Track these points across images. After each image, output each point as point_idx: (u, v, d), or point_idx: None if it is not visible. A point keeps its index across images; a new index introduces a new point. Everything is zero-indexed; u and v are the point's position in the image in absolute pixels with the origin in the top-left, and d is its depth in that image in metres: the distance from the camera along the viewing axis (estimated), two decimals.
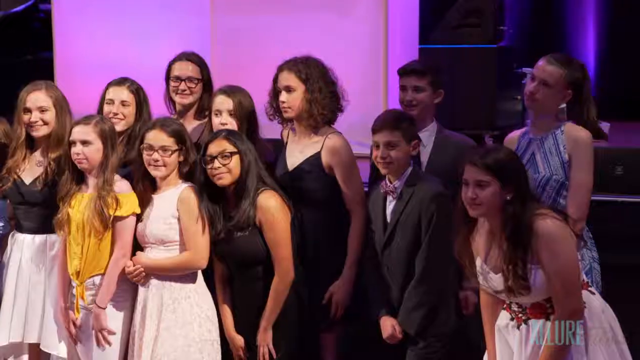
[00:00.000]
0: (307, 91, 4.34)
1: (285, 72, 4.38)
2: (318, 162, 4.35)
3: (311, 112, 4.34)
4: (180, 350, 4.08)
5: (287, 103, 4.36)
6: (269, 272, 4.10)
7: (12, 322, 4.42)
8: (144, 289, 4.20)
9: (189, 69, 4.77)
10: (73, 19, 7.16)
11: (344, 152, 4.35)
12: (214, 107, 4.48)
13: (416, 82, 4.48)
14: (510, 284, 3.48)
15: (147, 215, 4.21)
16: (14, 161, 4.44)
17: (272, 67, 4.56)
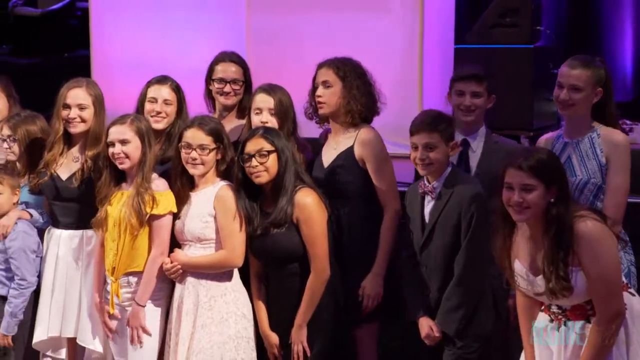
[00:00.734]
0: (344, 88, 4.36)
1: (324, 69, 4.42)
2: (351, 155, 4.37)
3: (347, 109, 4.36)
4: (216, 347, 4.10)
5: (323, 98, 4.38)
6: (305, 270, 4.11)
7: (50, 316, 4.47)
8: (181, 286, 4.23)
9: (233, 71, 4.79)
10: (110, 17, 7.21)
11: (375, 144, 4.36)
12: (255, 105, 4.50)
13: (476, 87, 4.47)
14: (551, 286, 3.47)
15: (185, 213, 4.24)
16: (51, 155, 4.47)
17: (306, 67, 4.58)
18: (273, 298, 4.22)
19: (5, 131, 4.62)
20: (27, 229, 4.49)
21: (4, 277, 4.49)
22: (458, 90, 4.52)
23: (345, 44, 6.04)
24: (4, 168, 4.52)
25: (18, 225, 4.47)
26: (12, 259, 4.44)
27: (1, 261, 4.49)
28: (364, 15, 6.48)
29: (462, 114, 4.48)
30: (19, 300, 4.43)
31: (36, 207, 4.61)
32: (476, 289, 4.02)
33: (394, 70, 6.29)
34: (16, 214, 4.50)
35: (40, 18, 8.73)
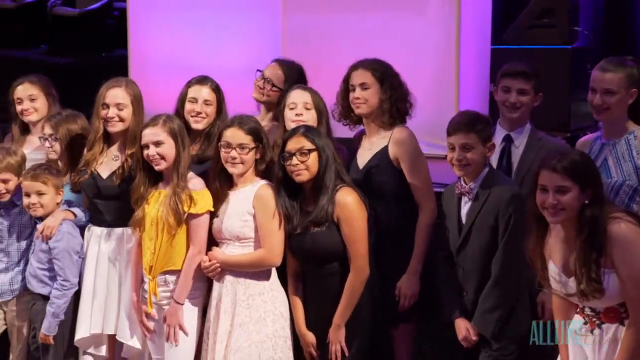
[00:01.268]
0: (381, 89, 4.38)
1: (360, 70, 4.43)
2: (386, 155, 4.38)
3: (384, 110, 4.38)
4: (254, 346, 4.13)
5: (362, 99, 4.40)
6: (344, 269, 4.12)
7: (92, 314, 4.52)
8: (219, 284, 4.26)
9: (276, 74, 4.86)
10: (148, 17, 7.26)
11: (409, 143, 4.38)
12: (289, 101, 4.52)
13: (523, 84, 4.50)
14: (583, 287, 3.45)
15: (224, 212, 4.27)
16: (91, 154, 4.53)
17: (342, 67, 4.60)
18: (310, 297, 4.23)
19: (47, 130, 4.68)
20: (72, 230, 4.55)
21: (47, 277, 4.55)
22: (504, 87, 4.54)
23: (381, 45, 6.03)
24: (47, 168, 4.58)
25: (63, 226, 4.52)
26: (55, 260, 4.49)
27: (45, 261, 4.54)
28: (400, 16, 6.46)
29: (507, 111, 4.50)
30: (61, 301, 4.49)
31: (78, 205, 4.66)
32: (513, 290, 4.02)
33: (430, 71, 6.27)
34: (61, 215, 4.55)
35: (78, 18, 8.80)
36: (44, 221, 4.53)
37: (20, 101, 4.97)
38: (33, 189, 4.51)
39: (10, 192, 4.65)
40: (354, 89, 4.44)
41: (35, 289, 4.58)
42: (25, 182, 4.53)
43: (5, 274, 4.67)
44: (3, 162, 4.62)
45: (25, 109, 4.96)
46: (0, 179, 4.63)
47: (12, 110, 5.01)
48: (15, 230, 4.67)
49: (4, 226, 4.68)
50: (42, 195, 4.51)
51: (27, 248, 4.64)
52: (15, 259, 4.67)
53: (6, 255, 4.68)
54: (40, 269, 4.55)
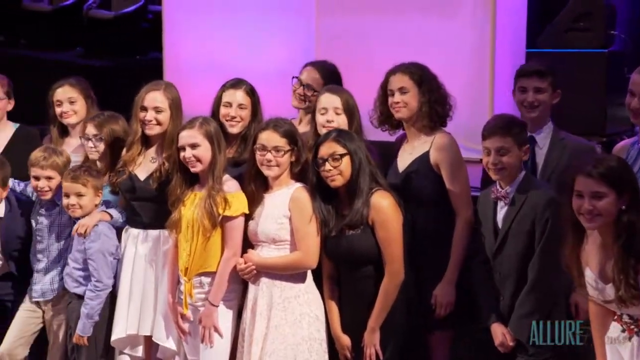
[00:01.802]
0: (420, 93, 4.37)
1: (398, 75, 4.42)
2: (426, 160, 4.37)
3: (423, 113, 4.37)
4: (290, 349, 4.14)
5: (401, 103, 4.39)
6: (378, 272, 4.12)
7: (128, 315, 4.55)
8: (255, 287, 4.27)
9: (314, 78, 4.85)
10: (182, 20, 7.32)
11: (451, 149, 4.36)
12: (320, 105, 4.52)
13: (538, 83, 4.49)
14: (621, 294, 3.42)
15: (259, 214, 4.28)
16: (129, 156, 4.56)
17: (376, 69, 4.60)
18: (345, 300, 4.23)
19: (90, 130, 4.71)
20: (107, 231, 4.58)
21: (82, 277, 4.58)
22: (521, 87, 4.54)
23: (415, 47, 6.04)
24: (87, 169, 4.62)
25: (99, 227, 4.55)
26: (90, 260, 4.53)
27: (80, 261, 4.58)
28: (435, 18, 6.46)
29: (525, 111, 4.49)
30: (94, 302, 4.52)
31: (115, 206, 4.70)
32: (550, 295, 4.00)
33: (464, 74, 6.26)
34: (98, 216, 4.59)
35: (114, 21, 8.88)
36: (80, 220, 4.57)
37: (60, 103, 5.01)
38: (72, 190, 4.55)
39: (53, 191, 4.69)
40: (392, 93, 4.43)
41: (71, 288, 4.63)
42: (65, 183, 4.58)
43: (46, 274, 4.72)
44: (49, 161, 4.67)
45: (65, 112, 5.00)
46: (45, 176, 4.67)
47: (51, 113, 5.05)
48: (55, 230, 4.71)
49: (44, 226, 4.73)
50: (81, 197, 4.55)
51: (67, 248, 4.68)
52: (55, 258, 4.71)
53: (47, 255, 4.73)
54: (76, 269, 4.60)
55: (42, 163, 4.67)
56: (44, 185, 4.67)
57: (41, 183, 4.67)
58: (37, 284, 4.72)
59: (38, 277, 4.73)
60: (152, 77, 4.93)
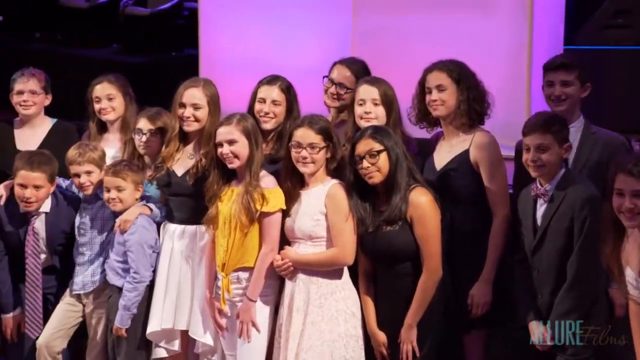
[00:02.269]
0: (459, 90, 4.36)
1: (436, 72, 4.41)
2: (466, 159, 4.36)
3: (462, 111, 4.35)
4: (326, 345, 4.15)
5: (439, 100, 4.37)
6: (416, 269, 4.11)
7: (164, 309, 4.57)
8: (291, 283, 4.28)
9: (345, 76, 4.83)
10: (218, 17, 7.31)
11: (492, 148, 4.35)
12: (358, 97, 4.52)
13: (564, 76, 4.47)
14: None
15: (295, 211, 4.29)
16: (167, 151, 4.58)
17: (411, 67, 4.58)
18: (381, 296, 4.23)
19: (141, 124, 4.74)
20: (146, 224, 4.61)
21: (121, 269, 4.63)
22: (548, 81, 4.53)
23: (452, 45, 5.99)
24: (128, 164, 4.66)
25: (138, 220, 4.59)
26: (129, 252, 4.57)
27: (120, 253, 4.62)
28: (471, 16, 6.41)
29: (553, 104, 4.48)
30: (132, 294, 4.56)
31: (156, 201, 4.72)
32: (589, 293, 3.97)
33: (501, 71, 6.21)
34: (138, 210, 4.63)
35: (150, 17, 8.93)
36: (121, 215, 4.61)
37: (99, 100, 5.04)
38: (113, 185, 4.60)
39: (94, 185, 4.73)
40: (430, 91, 4.41)
41: (111, 280, 4.67)
42: (106, 178, 4.63)
43: (88, 266, 4.76)
44: (85, 156, 4.72)
45: (103, 108, 5.03)
46: (84, 172, 4.72)
47: (90, 109, 5.08)
48: (98, 224, 4.75)
49: (87, 220, 4.77)
50: (121, 191, 4.60)
51: (109, 241, 4.72)
52: (98, 251, 4.75)
53: (89, 248, 4.76)
54: (117, 261, 4.64)
55: (79, 159, 4.72)
56: (85, 180, 4.72)
57: (82, 179, 4.72)
58: (78, 277, 4.77)
59: (80, 270, 4.77)
60: (188, 73, 4.95)
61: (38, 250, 4.76)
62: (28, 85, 5.12)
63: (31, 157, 4.70)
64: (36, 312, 4.76)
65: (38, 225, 4.76)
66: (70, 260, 4.83)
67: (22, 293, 4.81)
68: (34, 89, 5.13)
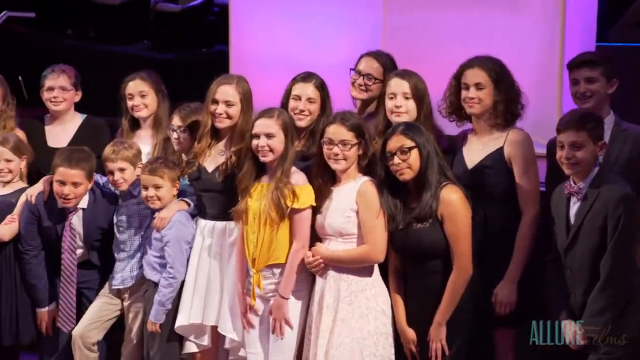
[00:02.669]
0: (496, 90, 4.34)
1: (475, 69, 4.38)
2: (500, 156, 4.34)
3: (498, 112, 4.34)
4: (356, 342, 4.15)
5: (476, 99, 4.36)
6: (446, 267, 4.10)
7: (192, 304, 4.59)
8: (322, 280, 4.28)
9: (372, 67, 4.81)
10: (249, 14, 7.32)
11: (526, 146, 4.34)
12: (389, 90, 4.52)
13: (589, 73, 4.44)
14: None
15: (326, 208, 4.29)
16: (199, 147, 4.58)
17: (442, 64, 4.56)
18: (411, 294, 4.22)
19: (175, 121, 4.75)
20: (184, 219, 4.63)
21: (158, 265, 4.65)
22: (573, 79, 4.52)
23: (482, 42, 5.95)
24: (164, 161, 4.68)
25: (175, 216, 4.61)
26: (166, 248, 4.59)
27: (157, 249, 4.65)
28: (502, 13, 6.36)
29: (579, 102, 4.46)
30: (167, 290, 4.58)
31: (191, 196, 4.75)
32: (623, 292, 3.94)
33: (533, 68, 6.15)
34: (176, 206, 4.65)
35: (180, 14, 8.96)
36: (159, 213, 4.63)
37: (131, 97, 5.07)
38: (150, 182, 4.62)
39: (127, 182, 4.76)
40: (467, 87, 4.39)
41: (148, 275, 4.70)
42: (143, 176, 4.65)
43: (128, 262, 4.80)
44: (118, 154, 4.75)
45: (136, 105, 5.06)
46: (117, 168, 4.74)
47: (123, 105, 5.11)
48: (136, 221, 4.78)
49: (124, 217, 4.80)
50: (159, 189, 4.62)
51: (147, 237, 4.74)
52: (136, 247, 4.79)
53: (128, 245, 4.80)
54: (154, 257, 4.67)
55: (112, 157, 4.76)
56: (118, 177, 4.75)
57: (115, 176, 4.75)
58: (117, 273, 4.81)
59: (119, 266, 4.81)
60: (218, 70, 4.96)
61: (74, 246, 4.80)
62: (58, 82, 5.16)
63: (70, 154, 4.73)
64: (70, 307, 4.80)
65: (75, 221, 4.80)
66: (106, 255, 4.88)
67: (57, 288, 4.86)
68: (64, 85, 5.17)
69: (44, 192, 4.81)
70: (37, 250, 4.82)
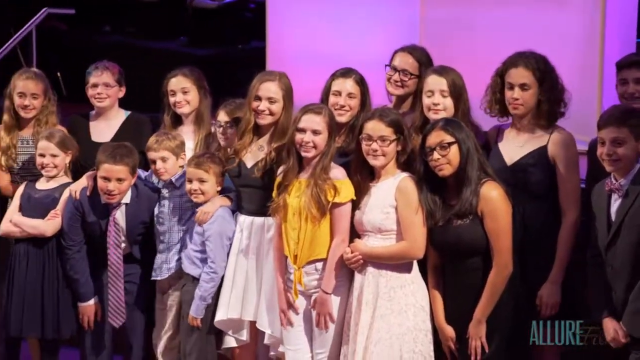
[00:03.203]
0: (540, 90, 4.31)
1: (521, 69, 4.34)
2: (544, 155, 4.32)
3: (541, 111, 4.32)
4: (395, 338, 4.15)
5: (521, 100, 4.33)
6: (486, 264, 4.09)
7: (231, 299, 4.61)
8: (361, 276, 4.28)
9: (408, 62, 4.80)
10: (286, 10, 7.34)
11: (571, 146, 4.33)
12: (426, 88, 4.50)
13: (638, 74, 4.38)
14: None
15: (365, 204, 4.29)
16: (241, 144, 4.60)
17: (480, 61, 4.58)
18: (450, 291, 4.21)
19: (221, 117, 4.77)
20: (226, 215, 4.66)
21: (198, 259, 4.68)
22: (621, 79, 4.50)
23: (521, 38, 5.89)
24: (211, 156, 4.70)
25: (218, 211, 4.64)
26: (207, 242, 4.61)
27: (198, 243, 4.67)
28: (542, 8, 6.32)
29: (627, 103, 4.39)
30: (209, 285, 4.61)
31: None
32: None
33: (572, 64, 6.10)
34: (219, 202, 4.68)
35: (217, 10, 9.00)
36: (202, 207, 4.66)
37: (173, 93, 5.09)
38: (195, 176, 4.64)
39: (169, 172, 4.80)
40: (511, 87, 4.36)
41: (187, 269, 4.72)
42: (189, 169, 4.68)
43: (166, 254, 4.82)
44: (161, 143, 4.79)
45: (178, 102, 5.07)
46: (159, 157, 4.78)
47: (165, 101, 5.13)
48: (177, 213, 4.81)
49: (165, 208, 4.83)
50: (203, 183, 4.64)
51: (187, 230, 4.77)
52: (175, 239, 4.81)
53: (167, 236, 4.82)
54: (194, 251, 4.69)
55: (155, 146, 4.80)
56: (160, 166, 4.78)
57: (157, 164, 4.79)
58: (157, 264, 4.84)
59: (159, 258, 4.84)
60: (254, 66, 4.98)
61: (119, 241, 4.83)
62: (102, 79, 5.19)
63: (114, 151, 4.75)
64: (119, 302, 4.83)
65: (118, 216, 4.83)
66: (147, 248, 4.91)
67: (99, 282, 4.90)
68: (107, 82, 5.20)
69: (88, 187, 4.85)
70: (79, 246, 4.86)
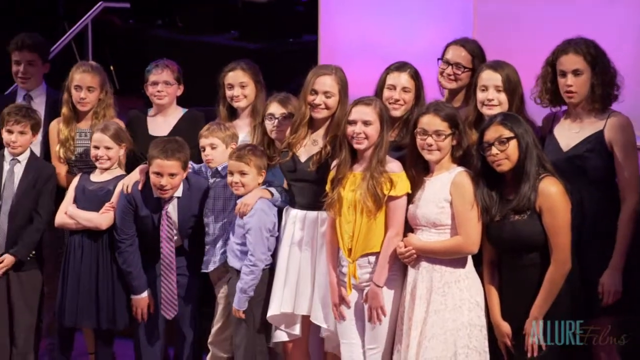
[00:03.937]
0: (593, 74, 4.26)
1: (572, 55, 4.31)
2: (600, 139, 4.27)
3: (595, 96, 4.27)
4: (449, 334, 4.12)
5: (575, 87, 4.28)
6: (544, 260, 4.04)
7: (284, 294, 4.62)
8: (414, 270, 4.26)
9: (460, 55, 4.77)
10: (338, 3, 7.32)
11: (629, 130, 4.29)
12: (480, 83, 4.47)
13: None
14: None
15: (419, 198, 4.27)
16: (294, 138, 4.60)
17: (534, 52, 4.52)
18: (506, 287, 4.17)
19: (274, 109, 4.79)
20: (266, 208, 4.66)
21: (240, 252, 4.69)
22: None
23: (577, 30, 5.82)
24: (252, 149, 4.71)
25: (257, 203, 4.64)
26: (247, 235, 4.62)
27: (239, 236, 4.69)
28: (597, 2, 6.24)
29: None
30: (248, 277, 4.61)
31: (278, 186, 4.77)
32: None
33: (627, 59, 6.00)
34: (259, 193, 4.68)
35: (268, 4, 9.01)
36: (242, 198, 4.67)
37: (231, 87, 5.10)
38: (236, 168, 4.65)
39: (216, 160, 4.83)
40: (564, 74, 4.32)
41: (231, 262, 4.75)
42: (230, 161, 4.69)
43: (212, 247, 4.85)
44: (212, 132, 4.84)
45: (236, 96, 5.09)
46: (208, 144, 4.82)
47: (221, 93, 5.15)
48: (219, 203, 4.83)
49: (211, 199, 4.85)
50: (244, 175, 4.65)
51: (230, 221, 4.79)
52: (219, 231, 4.84)
53: (211, 228, 4.85)
54: (236, 244, 4.70)
55: (205, 133, 4.85)
56: (209, 152, 4.82)
57: (206, 151, 4.83)
58: (205, 257, 4.88)
59: (208, 251, 4.88)
60: (306, 60, 4.97)
61: (172, 235, 4.87)
62: (162, 77, 5.23)
63: (165, 146, 4.78)
64: (172, 294, 4.87)
65: (171, 210, 4.86)
66: (196, 241, 4.93)
67: (151, 274, 4.94)
68: (167, 80, 5.24)
69: (140, 181, 4.89)
70: (132, 239, 4.91)
